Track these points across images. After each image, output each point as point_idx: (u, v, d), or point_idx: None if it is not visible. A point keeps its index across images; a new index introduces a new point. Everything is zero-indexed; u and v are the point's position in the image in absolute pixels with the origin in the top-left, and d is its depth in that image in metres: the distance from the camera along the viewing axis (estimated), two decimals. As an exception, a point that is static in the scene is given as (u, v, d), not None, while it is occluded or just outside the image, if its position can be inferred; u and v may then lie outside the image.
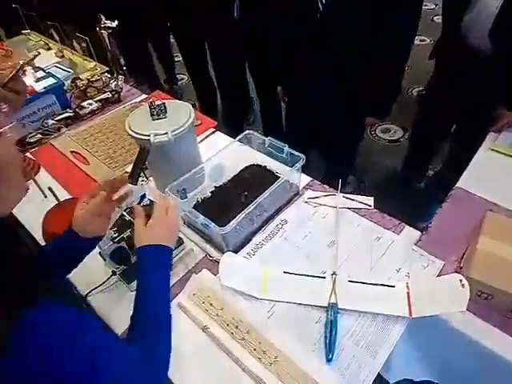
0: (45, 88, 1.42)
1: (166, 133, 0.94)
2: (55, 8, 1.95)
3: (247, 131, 1.12)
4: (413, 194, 1.87)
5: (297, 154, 1.03)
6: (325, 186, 1.14)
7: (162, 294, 0.67)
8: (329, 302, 0.81)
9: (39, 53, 1.35)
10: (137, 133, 0.95)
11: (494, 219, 0.89)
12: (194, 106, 1.09)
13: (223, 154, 1.10)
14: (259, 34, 1.49)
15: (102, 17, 1.39)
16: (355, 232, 0.99)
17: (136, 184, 0.84)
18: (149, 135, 0.93)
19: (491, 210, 0.94)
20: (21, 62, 0.93)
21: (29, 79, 1.49)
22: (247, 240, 0.99)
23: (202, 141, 1.31)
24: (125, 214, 0.92)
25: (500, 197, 1.01)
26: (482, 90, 1.28)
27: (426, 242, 0.94)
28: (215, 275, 0.91)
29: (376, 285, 0.85)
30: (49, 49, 1.95)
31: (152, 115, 1.00)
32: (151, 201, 0.91)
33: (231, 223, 0.85)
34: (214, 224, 0.86)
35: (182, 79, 3.09)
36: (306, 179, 1.16)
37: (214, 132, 1.36)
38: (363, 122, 1.36)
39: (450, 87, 1.39)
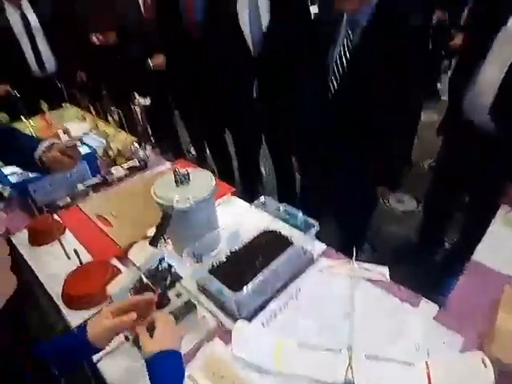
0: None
1: (189, 199, 1.00)
2: (94, 85, 2.19)
3: (263, 197, 1.18)
4: (428, 265, 1.84)
5: (311, 220, 1.06)
6: (339, 253, 1.16)
7: None
8: (345, 379, 0.78)
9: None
10: (161, 198, 1.02)
11: (511, 294, 0.88)
12: (213, 172, 1.17)
13: (239, 219, 1.14)
14: (273, 112, 1.64)
15: (135, 95, 1.56)
16: (371, 304, 0.98)
17: (156, 247, 0.88)
18: (172, 201, 1.00)
19: (508, 284, 0.92)
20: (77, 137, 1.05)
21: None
22: (261, 308, 0.98)
23: (218, 205, 1.37)
24: (143, 277, 0.95)
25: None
26: (489, 165, 1.32)
27: (444, 317, 0.92)
28: (227, 345, 0.89)
29: (394, 361, 0.82)
30: (84, 119, 2.15)
31: (176, 182, 1.07)
32: (169, 265, 0.94)
33: (245, 289, 0.86)
34: (228, 289, 0.87)
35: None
36: (320, 246, 1.17)
37: (230, 197, 1.43)
38: (375, 191, 1.41)
39: (458, 162, 1.45)
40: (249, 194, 2.23)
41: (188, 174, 1.09)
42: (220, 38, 1.68)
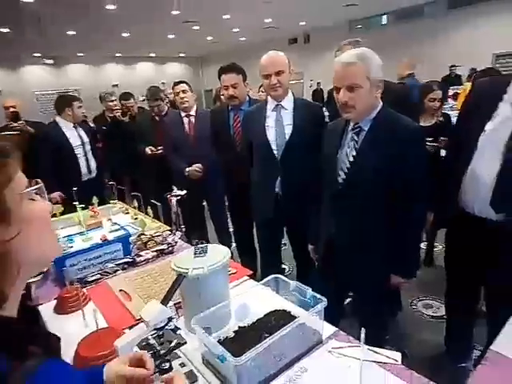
0: (115, 237, 1.73)
1: (203, 267, 1.10)
2: (139, 184, 2.53)
3: (275, 275, 1.23)
4: (457, 373, 1.65)
5: (319, 296, 1.09)
6: (350, 337, 1.13)
7: None
8: None
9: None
10: (178, 267, 1.12)
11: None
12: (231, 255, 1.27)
13: (249, 295, 1.18)
14: (294, 206, 1.81)
15: (174, 187, 1.81)
16: (380, 387, 0.92)
17: (166, 306, 0.95)
18: (188, 268, 1.09)
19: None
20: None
21: (105, 230, 1.84)
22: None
23: (235, 286, 1.42)
24: (150, 337, 0.98)
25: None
26: (499, 256, 1.32)
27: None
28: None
29: None
30: (127, 213, 2.42)
31: (195, 254, 1.18)
32: (176, 327, 0.98)
33: (245, 355, 0.87)
34: (229, 354, 0.89)
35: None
36: (330, 328, 1.16)
37: (247, 280, 1.48)
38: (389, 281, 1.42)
39: (465, 257, 1.46)
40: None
41: (206, 247, 1.20)
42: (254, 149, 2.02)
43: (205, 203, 3.11)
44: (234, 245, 2.94)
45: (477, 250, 1.44)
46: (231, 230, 3.00)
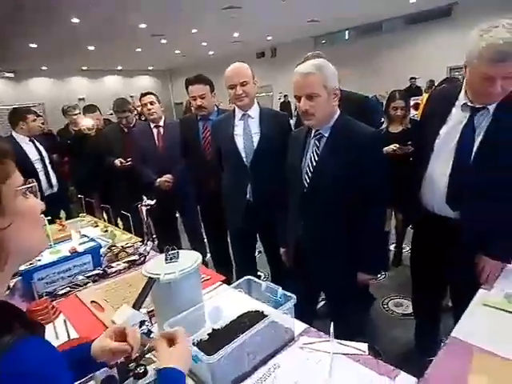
0: (85, 250, 1.70)
1: (174, 272, 1.11)
2: (109, 196, 2.50)
3: (247, 277, 1.26)
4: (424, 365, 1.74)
5: (289, 294, 1.13)
6: (320, 332, 1.17)
7: None
8: None
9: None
10: (149, 272, 1.13)
11: (480, 358, 0.89)
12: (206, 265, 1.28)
13: (223, 299, 1.21)
14: (265, 211, 1.87)
15: (144, 197, 1.81)
16: (349, 376, 0.97)
17: (138, 310, 0.96)
18: (159, 273, 1.10)
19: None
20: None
21: (74, 243, 1.81)
22: (237, 382, 0.97)
23: (209, 292, 1.43)
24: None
25: (493, 346, 1.01)
26: (459, 251, 1.42)
27: (423, 389, 0.90)
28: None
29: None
30: (96, 226, 2.38)
31: (166, 260, 1.19)
32: (149, 330, 0.99)
33: (218, 353, 0.90)
34: (202, 353, 0.90)
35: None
36: (302, 326, 1.20)
37: (221, 285, 1.50)
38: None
39: (428, 254, 1.56)
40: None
41: (177, 253, 1.21)
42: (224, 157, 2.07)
43: (178, 214, 3.11)
44: (208, 255, 2.94)
45: (439, 248, 1.53)
46: (205, 240, 3.01)
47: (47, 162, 3.17)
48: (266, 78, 13.21)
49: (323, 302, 2.23)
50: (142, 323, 0.95)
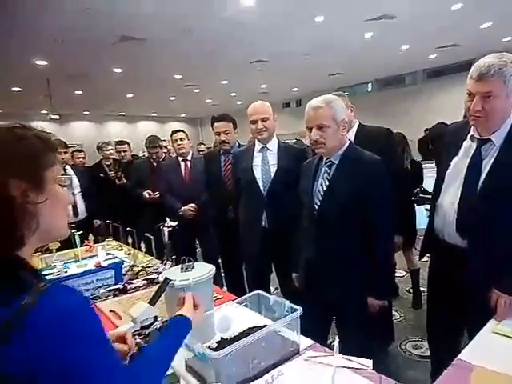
0: (108, 265, 1.82)
1: (188, 279, 1.20)
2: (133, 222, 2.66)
3: (256, 291, 1.32)
4: None
5: (295, 307, 1.18)
6: (326, 348, 1.19)
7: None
8: None
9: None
10: (166, 277, 1.22)
11: (481, 372, 0.89)
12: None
13: (232, 313, 1.26)
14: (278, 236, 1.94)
15: (167, 219, 1.94)
16: (350, 387, 0.99)
17: (154, 306, 1.04)
18: (175, 279, 1.19)
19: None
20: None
21: (100, 258, 1.93)
22: (241, 384, 1.01)
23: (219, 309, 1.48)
24: (137, 337, 1.05)
25: (497, 367, 1.00)
26: (471, 280, 1.42)
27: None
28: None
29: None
30: (121, 250, 2.51)
31: (181, 269, 1.29)
32: (162, 326, 1.06)
33: (223, 350, 0.95)
34: (209, 350, 0.96)
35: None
36: (308, 341, 1.23)
37: (231, 304, 1.55)
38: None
39: (443, 283, 1.55)
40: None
41: (193, 264, 1.31)
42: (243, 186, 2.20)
43: (197, 242, 3.21)
44: (224, 286, 2.98)
45: (453, 277, 1.52)
46: (222, 272, 3.06)
47: (76, 191, 3.36)
48: (290, 126, 13.72)
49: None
50: (155, 318, 1.03)
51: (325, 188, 1.53)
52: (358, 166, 1.47)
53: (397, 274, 3.21)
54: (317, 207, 1.54)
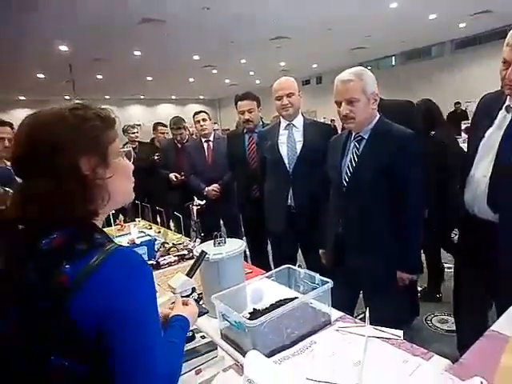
0: (141, 242, 1.89)
1: (222, 253, 1.24)
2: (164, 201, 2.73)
3: (286, 265, 1.35)
4: None
5: (326, 279, 1.20)
6: (357, 320, 1.22)
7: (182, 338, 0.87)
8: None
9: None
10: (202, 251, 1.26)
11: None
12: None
13: (263, 287, 1.30)
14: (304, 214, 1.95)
15: (195, 198, 1.99)
16: (382, 355, 1.01)
17: (191, 278, 1.08)
18: (209, 253, 1.23)
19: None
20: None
21: (133, 236, 2.01)
22: (275, 353, 1.05)
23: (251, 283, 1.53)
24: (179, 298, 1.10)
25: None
26: (503, 253, 1.39)
27: (456, 370, 0.92)
28: (241, 376, 0.96)
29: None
30: (150, 228, 2.59)
31: (214, 244, 1.33)
32: (199, 297, 1.12)
33: (259, 319, 0.99)
34: (245, 319, 1.00)
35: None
36: (339, 313, 1.26)
37: (261, 278, 1.59)
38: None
39: (474, 262, 1.53)
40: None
41: (225, 239, 1.35)
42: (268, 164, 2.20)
43: (221, 222, 3.27)
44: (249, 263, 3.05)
45: (482, 252, 1.50)
46: (247, 250, 3.13)
47: None
48: (311, 104, 13.49)
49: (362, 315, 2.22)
50: (193, 289, 1.08)
51: (354, 164, 1.52)
52: (388, 139, 1.45)
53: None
54: (345, 183, 1.54)
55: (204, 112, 3.19)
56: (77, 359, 0.62)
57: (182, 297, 1.06)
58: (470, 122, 7.74)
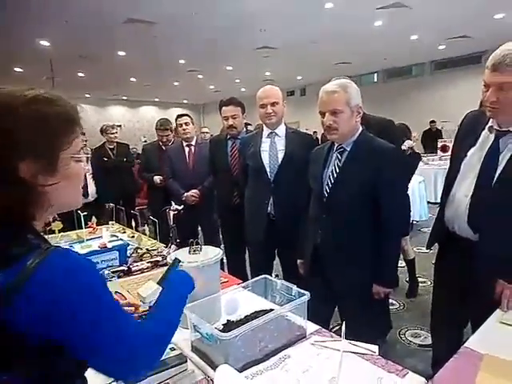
0: (113, 246, 1.81)
1: (197, 261, 1.19)
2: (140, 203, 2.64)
3: (263, 276, 1.32)
4: None
5: (303, 291, 1.17)
6: (332, 333, 1.19)
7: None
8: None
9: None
10: (175, 259, 1.21)
11: (490, 359, 0.89)
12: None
13: (238, 293, 1.26)
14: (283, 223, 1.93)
15: (172, 203, 1.93)
16: (358, 371, 0.99)
17: (162, 287, 1.03)
18: (183, 261, 1.18)
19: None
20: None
21: (104, 240, 1.93)
22: (247, 367, 1.01)
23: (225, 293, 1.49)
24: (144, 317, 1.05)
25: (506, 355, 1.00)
26: (480, 273, 1.41)
27: (431, 388, 0.91)
28: (210, 391, 0.91)
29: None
30: (124, 232, 2.50)
31: (189, 252, 1.28)
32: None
33: (232, 332, 0.95)
34: (217, 331, 0.96)
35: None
36: (315, 327, 1.23)
37: (237, 288, 1.55)
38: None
39: (451, 277, 1.54)
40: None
41: (200, 246, 1.30)
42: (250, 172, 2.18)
43: (199, 228, 3.21)
44: (226, 271, 2.99)
45: (460, 270, 1.50)
46: (224, 258, 3.07)
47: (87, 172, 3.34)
48: (294, 115, 13.63)
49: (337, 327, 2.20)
50: (164, 298, 1.02)
51: (335, 175, 1.51)
52: (370, 153, 1.45)
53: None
54: (326, 194, 1.52)
55: (187, 115, 3.14)
56: (19, 371, 0.56)
57: (150, 307, 1.01)
58: (445, 140, 8.05)
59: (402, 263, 3.55)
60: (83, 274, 0.61)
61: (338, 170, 1.52)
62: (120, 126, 14.74)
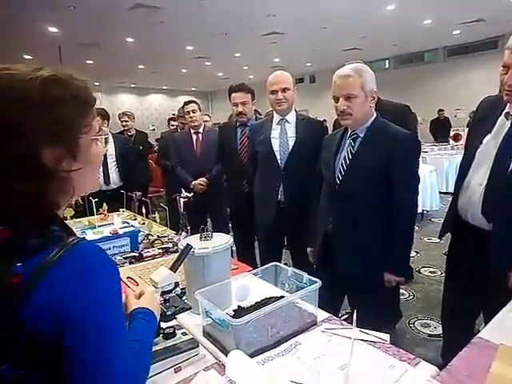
0: (124, 233, 1.83)
1: (208, 247, 1.19)
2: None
3: (274, 263, 1.32)
4: None
5: (314, 279, 1.17)
6: (343, 321, 1.19)
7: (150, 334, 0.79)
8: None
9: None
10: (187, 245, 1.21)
11: (506, 349, 0.88)
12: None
13: (248, 280, 1.26)
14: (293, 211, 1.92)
15: (182, 190, 1.93)
16: (369, 359, 0.99)
17: (175, 272, 1.03)
18: (195, 248, 1.18)
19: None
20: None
21: (116, 226, 1.94)
22: (258, 353, 1.01)
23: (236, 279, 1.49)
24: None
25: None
26: (493, 262, 1.38)
27: (444, 377, 0.90)
28: (222, 375, 0.92)
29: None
30: (135, 219, 2.52)
31: (200, 238, 1.28)
32: (182, 292, 1.06)
33: (243, 318, 0.95)
34: (229, 316, 0.96)
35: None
36: (325, 314, 1.22)
37: (247, 275, 1.55)
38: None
39: (464, 264, 1.52)
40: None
41: (211, 233, 1.30)
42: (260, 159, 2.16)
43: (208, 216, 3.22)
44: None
45: (473, 259, 1.48)
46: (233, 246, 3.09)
47: (110, 160, 3.22)
48: (303, 102, 13.45)
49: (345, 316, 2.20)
50: (176, 284, 1.03)
51: (348, 162, 1.49)
52: (384, 139, 1.43)
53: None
54: (338, 181, 1.50)
55: (194, 102, 3.11)
56: (32, 367, 0.55)
57: (164, 292, 1.01)
58: (457, 128, 7.90)
59: (412, 253, 3.55)
60: (105, 278, 0.60)
61: (350, 157, 1.49)
62: (131, 114, 14.78)
